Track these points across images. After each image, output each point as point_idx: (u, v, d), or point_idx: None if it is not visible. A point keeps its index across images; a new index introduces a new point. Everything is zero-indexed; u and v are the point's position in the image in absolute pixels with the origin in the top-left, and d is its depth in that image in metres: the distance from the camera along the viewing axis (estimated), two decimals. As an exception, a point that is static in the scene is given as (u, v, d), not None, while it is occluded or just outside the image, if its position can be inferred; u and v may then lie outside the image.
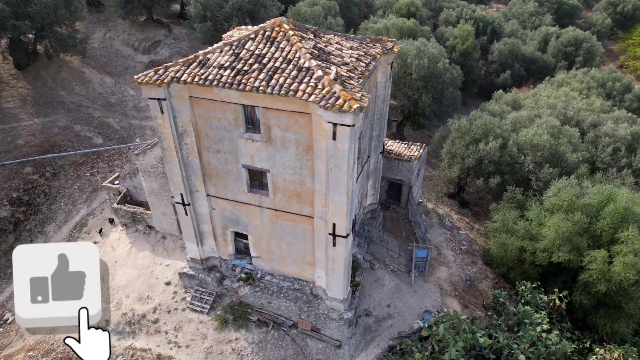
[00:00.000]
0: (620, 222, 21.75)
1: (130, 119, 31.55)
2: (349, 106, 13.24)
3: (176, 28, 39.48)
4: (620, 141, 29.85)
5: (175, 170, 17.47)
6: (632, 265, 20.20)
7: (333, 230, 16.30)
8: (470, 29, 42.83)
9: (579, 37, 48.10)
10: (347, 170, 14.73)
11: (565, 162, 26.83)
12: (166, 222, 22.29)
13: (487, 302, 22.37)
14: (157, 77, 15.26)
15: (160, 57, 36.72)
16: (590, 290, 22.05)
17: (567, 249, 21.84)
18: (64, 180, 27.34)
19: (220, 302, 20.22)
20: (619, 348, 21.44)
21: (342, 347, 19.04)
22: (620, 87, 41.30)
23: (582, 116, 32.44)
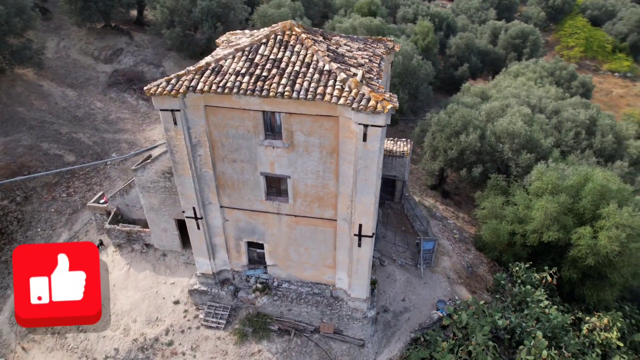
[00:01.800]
0: (600, 199, 23.65)
1: (102, 133, 29.69)
2: (382, 107, 13.38)
3: (137, 35, 37.55)
4: (581, 125, 32.35)
5: (187, 184, 16.74)
6: (616, 238, 21.98)
7: (359, 231, 16.38)
8: (430, 25, 44.43)
9: (525, 30, 51.40)
10: (376, 171, 14.88)
11: (540, 147, 28.65)
12: (167, 238, 21.28)
13: (490, 286, 23.44)
14: (172, 87, 14.56)
15: (124, 65, 34.79)
16: (578, 264, 23.76)
17: (555, 228, 23.38)
18: (37, 203, 25.26)
19: (236, 316, 19.66)
20: (607, 315, 23.36)
21: (366, 346, 19.20)
22: (567, 74, 44.65)
23: (544, 103, 34.76)
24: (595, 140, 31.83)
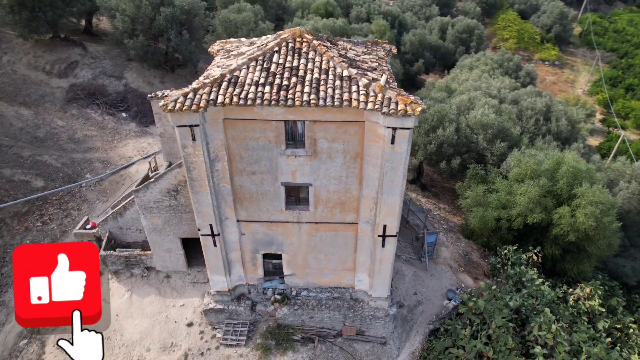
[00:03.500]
0: (573, 180, 25.71)
1: (70, 154, 27.55)
2: (412, 109, 13.69)
3: (91, 46, 35.09)
4: (539, 112, 34.89)
5: (205, 201, 16.09)
6: (592, 214, 24.04)
7: (383, 232, 16.63)
8: (386, 23, 45.67)
9: (470, 25, 54.35)
10: (403, 172, 15.19)
11: (510, 136, 30.56)
12: (171, 259, 20.28)
13: (487, 271, 24.70)
14: (191, 102, 13.94)
15: (81, 79, 32.41)
16: (559, 241, 25.69)
17: (539, 210, 25.10)
18: (9, 236, 23.00)
19: (256, 330, 19.21)
20: (588, 285, 25.53)
21: (388, 343, 19.55)
22: (513, 65, 47.89)
23: (503, 94, 37.05)
24: (552, 125, 34.47)
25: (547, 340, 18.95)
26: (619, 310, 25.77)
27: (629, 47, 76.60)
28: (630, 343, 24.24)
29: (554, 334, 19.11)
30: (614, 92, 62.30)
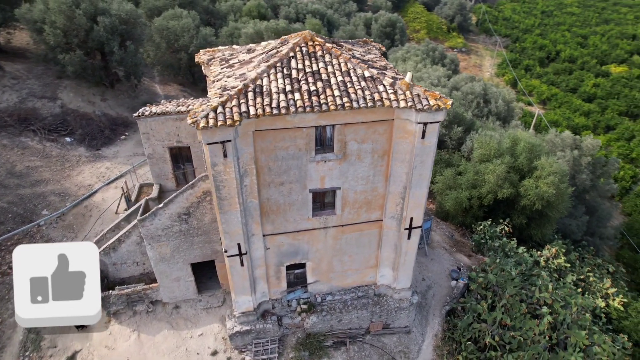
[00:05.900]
0: (530, 154, 28.48)
1: (15, 190, 23.96)
2: (443, 104, 14.20)
3: (7, 64, 30.59)
4: (479, 96, 37.97)
5: (234, 220, 15.16)
6: (552, 183, 26.91)
7: (410, 224, 17.05)
8: (319, 22, 46.19)
9: (392, 18, 57.07)
10: (431, 164, 15.71)
11: (464, 120, 32.88)
12: (179, 288, 18.75)
13: (473, 247, 26.42)
14: (224, 117, 13.05)
15: (5, 104, 28.17)
16: (526, 211, 28.36)
17: (507, 186, 27.46)
18: (-36, 296, 19.55)
19: (285, 345, 18.60)
20: (553, 245, 28.55)
21: (412, 331, 20.13)
22: (439, 54, 51.34)
23: (443, 82, 39.64)
24: (492, 107, 37.75)
25: (547, 300, 20.90)
26: (576, 264, 29.19)
27: (519, 32, 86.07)
28: (592, 289, 27.61)
29: (551, 294, 21.14)
30: (517, 72, 69.65)
